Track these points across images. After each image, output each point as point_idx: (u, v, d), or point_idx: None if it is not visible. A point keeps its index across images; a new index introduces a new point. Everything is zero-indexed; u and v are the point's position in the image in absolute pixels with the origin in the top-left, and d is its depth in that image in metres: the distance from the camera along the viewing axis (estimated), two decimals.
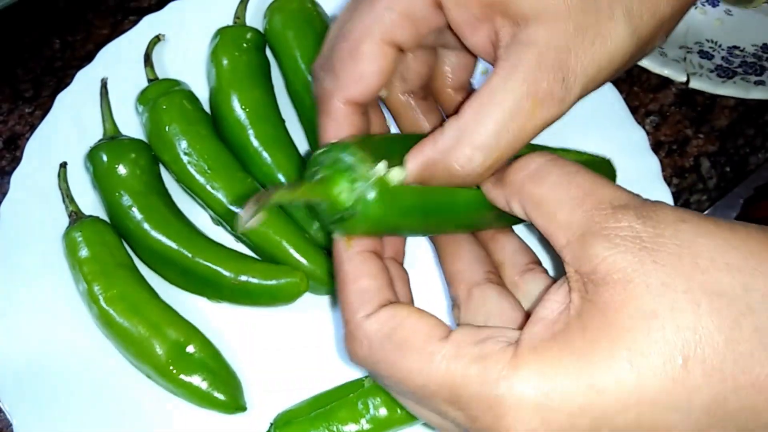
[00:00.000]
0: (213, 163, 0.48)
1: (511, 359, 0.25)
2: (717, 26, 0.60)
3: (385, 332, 0.28)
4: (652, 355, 0.24)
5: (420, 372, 0.27)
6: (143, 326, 0.44)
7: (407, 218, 0.32)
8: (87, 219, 0.47)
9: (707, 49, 0.58)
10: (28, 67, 0.59)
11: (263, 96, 0.51)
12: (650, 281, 0.24)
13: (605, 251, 0.25)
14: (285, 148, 0.49)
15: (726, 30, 0.60)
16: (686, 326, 0.24)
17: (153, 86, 0.51)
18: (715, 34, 0.60)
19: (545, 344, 0.25)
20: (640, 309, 0.24)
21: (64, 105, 0.52)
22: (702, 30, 0.60)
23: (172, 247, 0.46)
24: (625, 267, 0.25)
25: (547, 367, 0.25)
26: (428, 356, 0.27)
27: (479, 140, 0.29)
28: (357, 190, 0.30)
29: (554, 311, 0.27)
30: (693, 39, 0.59)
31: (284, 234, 0.46)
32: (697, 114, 0.57)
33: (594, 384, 0.24)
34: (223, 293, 0.46)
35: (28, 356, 0.45)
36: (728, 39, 0.59)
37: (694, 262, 0.24)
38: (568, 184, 0.28)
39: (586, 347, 0.24)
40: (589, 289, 0.25)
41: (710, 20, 0.61)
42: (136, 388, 0.45)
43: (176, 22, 0.55)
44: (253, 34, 0.52)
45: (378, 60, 0.33)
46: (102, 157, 0.48)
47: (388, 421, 0.41)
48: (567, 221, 0.27)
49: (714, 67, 0.57)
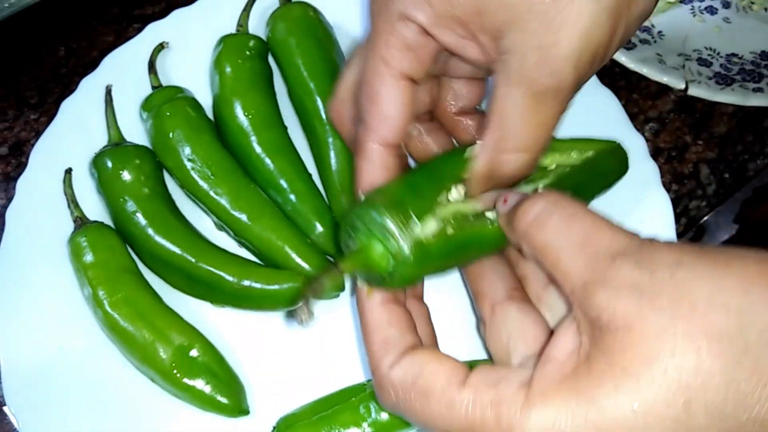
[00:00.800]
0: (216, 169, 0.48)
1: (524, 404, 0.27)
2: (715, 34, 0.61)
3: (409, 382, 0.31)
4: (655, 398, 0.24)
5: (443, 418, 0.29)
6: (147, 330, 0.44)
7: (439, 264, 0.34)
8: (92, 224, 0.48)
9: (706, 56, 0.59)
10: (33, 74, 0.60)
11: (266, 103, 0.51)
12: (651, 327, 0.25)
13: (606, 301, 0.26)
14: (287, 155, 0.50)
15: (724, 37, 0.60)
16: (688, 369, 0.24)
17: (157, 93, 0.51)
18: (714, 42, 0.60)
19: (554, 387, 0.27)
20: (642, 354, 0.25)
21: (69, 112, 0.53)
22: (700, 37, 0.60)
23: (176, 252, 0.46)
24: (625, 315, 0.26)
25: (555, 411, 0.26)
26: (449, 404, 0.29)
27: (514, 144, 0.33)
28: (394, 256, 0.32)
29: (564, 351, 0.28)
30: (691, 47, 0.59)
31: (286, 239, 0.47)
32: (695, 121, 0.57)
33: (599, 426, 0.25)
34: (226, 298, 0.47)
35: (34, 360, 0.45)
36: (727, 46, 0.60)
37: (692, 306, 0.25)
38: (567, 231, 0.29)
39: (591, 391, 0.26)
40: (596, 334, 0.27)
41: (709, 28, 0.61)
42: (140, 391, 0.45)
43: (180, 30, 0.56)
44: (256, 42, 0.53)
45: (396, 98, 0.35)
46: (107, 163, 0.48)
47: (390, 425, 0.41)
48: (569, 269, 0.28)
49: (712, 75, 0.57)
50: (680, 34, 0.60)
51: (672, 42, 0.60)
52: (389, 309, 0.34)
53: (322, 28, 0.53)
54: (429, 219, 0.33)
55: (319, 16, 0.53)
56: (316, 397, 0.44)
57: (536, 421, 0.26)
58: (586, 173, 0.39)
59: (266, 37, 0.54)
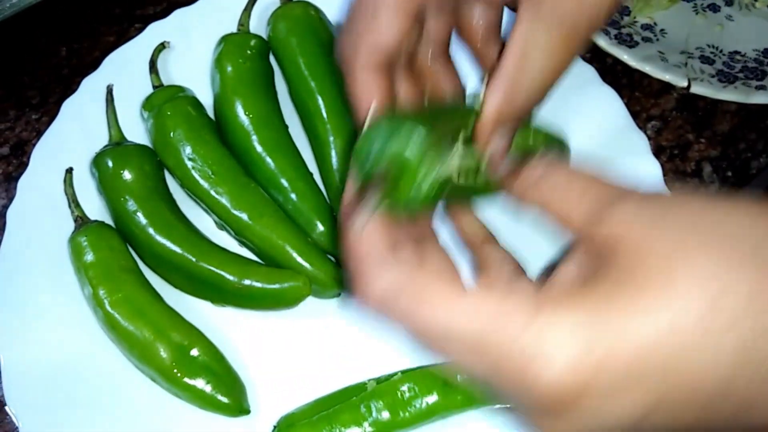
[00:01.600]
0: (217, 168, 0.48)
1: (535, 312, 0.25)
2: (718, 31, 0.61)
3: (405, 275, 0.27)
4: (676, 301, 0.24)
5: (445, 319, 0.26)
6: (148, 330, 0.44)
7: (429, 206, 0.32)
8: (92, 224, 0.48)
9: (708, 54, 0.59)
10: (34, 74, 0.60)
11: (267, 102, 0.51)
12: (664, 244, 0.25)
13: (613, 227, 0.26)
14: (288, 154, 0.50)
15: (727, 35, 0.60)
16: (706, 276, 0.24)
17: (158, 93, 0.51)
18: (716, 39, 0.60)
19: (570, 292, 0.25)
20: (657, 268, 0.24)
21: (70, 111, 0.53)
22: (703, 35, 0.60)
23: (177, 252, 0.46)
24: (636, 236, 0.25)
25: (574, 315, 0.24)
26: (454, 303, 0.26)
27: (531, 82, 0.32)
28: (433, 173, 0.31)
29: (570, 275, 0.27)
30: (694, 44, 0.59)
31: (287, 238, 0.46)
32: (698, 119, 0.57)
33: (619, 329, 0.24)
34: (227, 297, 0.47)
35: (34, 360, 0.45)
36: (729, 44, 0.60)
37: (704, 226, 0.25)
38: (569, 185, 0.30)
39: (605, 298, 0.25)
40: (603, 256, 0.26)
41: (711, 25, 0.61)
42: (140, 391, 0.45)
43: (181, 30, 0.56)
44: (257, 41, 0.53)
45: (396, 21, 0.34)
46: (107, 163, 0.48)
47: (391, 424, 0.41)
48: (573, 213, 0.28)
49: (715, 72, 0.57)
50: (683, 32, 0.60)
51: (674, 40, 0.59)
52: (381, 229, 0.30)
53: (323, 27, 0.53)
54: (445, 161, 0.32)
55: (320, 14, 0.53)
56: (316, 397, 0.44)
57: (555, 323, 0.24)
58: None
59: (267, 36, 0.53)
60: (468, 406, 0.42)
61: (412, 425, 0.42)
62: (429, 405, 0.41)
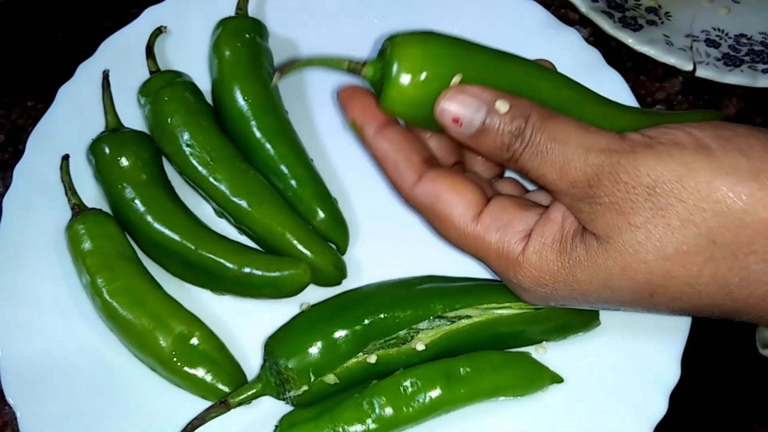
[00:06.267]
0: (215, 154, 0.47)
1: (521, 252, 0.35)
2: (724, 14, 0.60)
3: (428, 204, 0.37)
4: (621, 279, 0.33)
5: (456, 241, 0.37)
6: (147, 318, 0.43)
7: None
8: (89, 211, 0.47)
9: (714, 37, 0.58)
10: (30, 61, 0.59)
11: (266, 87, 0.50)
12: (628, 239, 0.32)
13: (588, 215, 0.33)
14: (287, 140, 0.49)
15: (733, 18, 0.59)
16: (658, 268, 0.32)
17: (155, 78, 0.50)
18: (722, 23, 0.59)
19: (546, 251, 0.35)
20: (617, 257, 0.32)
21: (66, 98, 0.52)
22: (709, 18, 0.59)
23: (175, 239, 0.46)
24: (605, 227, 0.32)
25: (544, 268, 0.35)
26: (462, 234, 0.36)
27: None
28: None
29: (559, 216, 0.35)
30: (699, 27, 0.58)
31: (287, 225, 0.46)
32: (704, 102, 0.56)
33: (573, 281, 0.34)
34: (227, 285, 0.46)
35: (32, 349, 0.45)
36: (735, 27, 0.59)
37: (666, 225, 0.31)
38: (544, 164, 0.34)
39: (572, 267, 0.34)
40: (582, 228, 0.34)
41: (717, 8, 0.60)
42: (139, 380, 0.45)
43: (178, 14, 0.55)
44: (256, 25, 0.52)
45: None
46: (104, 150, 0.48)
47: (395, 420, 0.41)
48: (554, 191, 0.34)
49: (721, 56, 0.56)
50: (688, 15, 0.59)
51: (679, 23, 0.59)
52: (387, 136, 0.37)
53: None
54: None
55: None
56: None
57: (528, 270, 0.35)
58: None
59: None
60: (471, 400, 0.42)
61: (415, 421, 0.41)
62: (432, 399, 0.40)
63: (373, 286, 0.45)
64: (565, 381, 0.44)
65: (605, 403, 0.43)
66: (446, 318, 0.42)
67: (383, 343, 0.41)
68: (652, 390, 0.43)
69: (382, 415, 0.40)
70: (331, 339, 0.41)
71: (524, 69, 0.37)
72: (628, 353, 0.44)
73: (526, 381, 0.43)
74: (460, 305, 0.42)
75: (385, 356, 0.41)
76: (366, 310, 0.42)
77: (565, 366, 0.44)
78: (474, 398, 0.42)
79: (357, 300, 0.43)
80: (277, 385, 0.41)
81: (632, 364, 0.44)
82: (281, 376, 0.41)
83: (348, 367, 0.41)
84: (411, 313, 0.42)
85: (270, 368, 0.41)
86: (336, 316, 0.42)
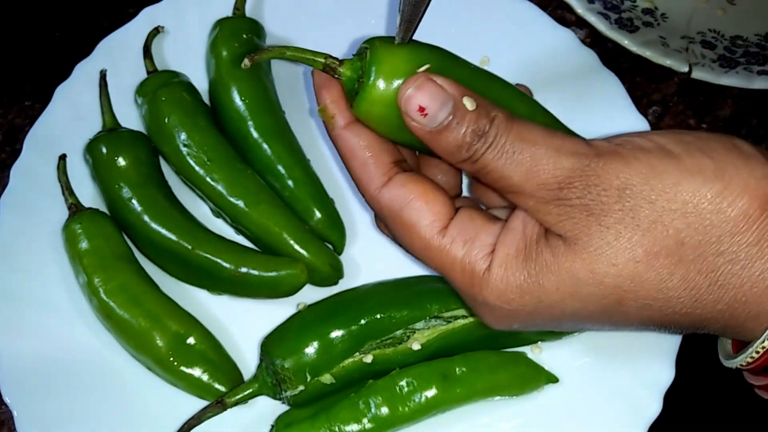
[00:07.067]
0: (212, 154, 0.47)
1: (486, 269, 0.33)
2: (720, 16, 0.60)
3: (395, 209, 0.34)
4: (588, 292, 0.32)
5: (421, 254, 0.35)
6: (143, 318, 0.44)
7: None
8: (87, 211, 0.47)
9: (710, 39, 0.58)
10: (28, 60, 0.59)
11: (263, 87, 0.50)
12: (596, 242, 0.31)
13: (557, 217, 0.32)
14: (284, 140, 0.49)
15: (729, 19, 0.60)
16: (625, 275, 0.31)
17: (152, 78, 0.51)
18: (718, 24, 0.59)
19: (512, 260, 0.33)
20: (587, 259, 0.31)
21: (63, 97, 0.52)
22: (704, 20, 0.59)
23: (172, 239, 0.46)
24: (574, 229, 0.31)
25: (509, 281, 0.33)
26: (428, 246, 0.34)
27: None
28: None
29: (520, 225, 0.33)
30: (695, 29, 0.59)
31: (284, 225, 0.46)
32: (699, 104, 0.57)
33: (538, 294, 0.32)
34: (224, 285, 0.46)
35: (29, 349, 0.45)
36: (731, 29, 0.59)
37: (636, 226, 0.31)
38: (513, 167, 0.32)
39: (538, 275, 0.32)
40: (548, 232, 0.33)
41: (713, 10, 0.60)
42: (136, 379, 0.45)
43: (175, 14, 0.55)
44: (253, 25, 0.52)
45: None
46: (101, 150, 0.48)
47: (390, 419, 0.41)
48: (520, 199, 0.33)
49: (717, 57, 0.56)
50: (684, 17, 0.60)
51: (675, 24, 0.59)
52: (357, 131, 0.35)
53: None
54: None
55: None
56: None
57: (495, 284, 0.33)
58: None
59: None
60: (467, 400, 0.42)
61: (411, 420, 0.41)
62: (428, 399, 0.41)
63: (370, 287, 0.45)
64: (560, 381, 0.44)
65: (600, 403, 0.43)
66: (442, 318, 0.42)
67: (379, 343, 0.42)
68: (647, 390, 0.43)
69: (378, 415, 0.41)
70: (327, 339, 0.41)
71: (502, 90, 0.36)
72: (623, 353, 0.44)
73: (521, 381, 0.43)
74: (455, 305, 0.42)
75: (382, 356, 0.42)
76: (362, 310, 0.42)
77: (561, 366, 0.44)
78: (470, 398, 0.42)
79: (353, 300, 0.43)
80: (273, 385, 0.41)
81: (627, 364, 0.44)
82: (278, 375, 0.41)
83: (344, 366, 0.41)
84: (407, 313, 0.42)
85: (266, 368, 0.42)
86: (332, 316, 0.42)
